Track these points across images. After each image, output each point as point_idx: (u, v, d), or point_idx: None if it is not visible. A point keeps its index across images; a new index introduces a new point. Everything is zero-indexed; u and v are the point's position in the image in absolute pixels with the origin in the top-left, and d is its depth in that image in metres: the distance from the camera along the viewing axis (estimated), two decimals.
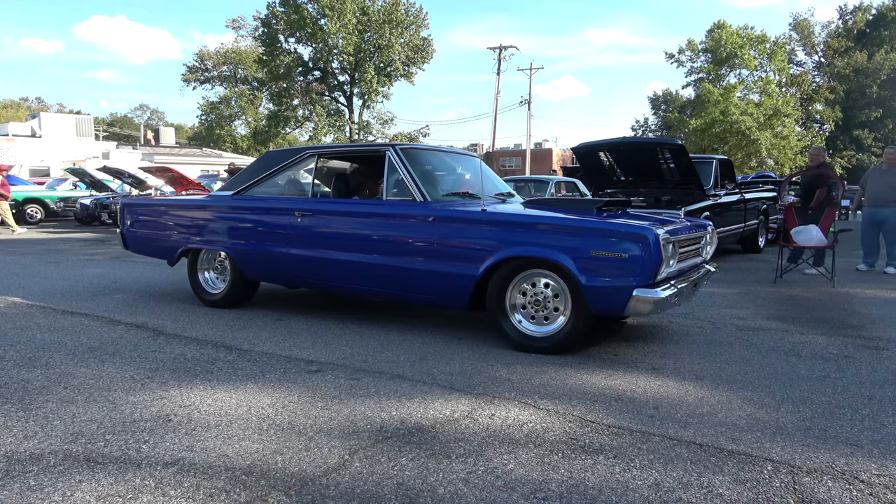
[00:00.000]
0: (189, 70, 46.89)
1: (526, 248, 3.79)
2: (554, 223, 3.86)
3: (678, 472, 2.27)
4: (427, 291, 4.21)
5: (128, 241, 5.90)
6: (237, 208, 5.15)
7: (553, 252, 3.70)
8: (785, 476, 2.25)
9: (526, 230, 3.87)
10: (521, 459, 2.36)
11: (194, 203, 5.75)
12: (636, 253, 3.52)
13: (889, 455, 2.45)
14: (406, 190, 4.34)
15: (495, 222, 3.97)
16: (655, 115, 53.52)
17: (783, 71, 40.38)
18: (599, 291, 3.60)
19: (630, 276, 3.54)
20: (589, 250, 3.62)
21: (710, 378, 3.44)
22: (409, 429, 2.64)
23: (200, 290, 5.36)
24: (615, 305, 3.62)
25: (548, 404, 2.96)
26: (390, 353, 3.86)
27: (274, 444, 2.46)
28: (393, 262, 4.25)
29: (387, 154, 4.50)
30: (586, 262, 3.62)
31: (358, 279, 4.48)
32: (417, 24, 37.03)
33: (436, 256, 4.09)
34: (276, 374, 3.41)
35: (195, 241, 5.33)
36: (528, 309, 3.91)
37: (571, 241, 3.69)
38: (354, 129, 37.96)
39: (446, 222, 4.10)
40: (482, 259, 3.91)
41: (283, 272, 4.91)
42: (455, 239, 4.06)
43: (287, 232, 4.74)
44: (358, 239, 4.48)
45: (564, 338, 3.79)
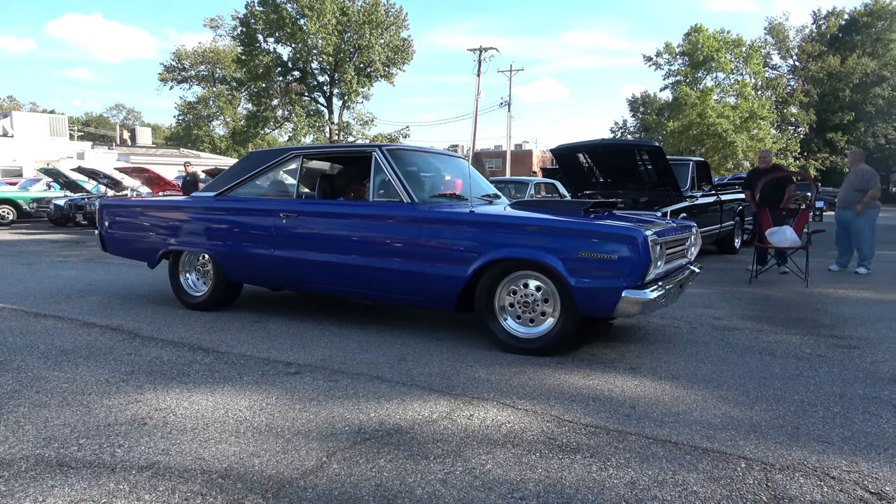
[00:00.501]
0: (166, 69, 46.33)
1: (515, 250, 3.79)
2: (542, 224, 3.86)
3: (654, 471, 2.29)
4: (414, 293, 4.18)
5: (106, 243, 5.80)
6: (220, 209, 5.08)
7: (542, 253, 3.70)
8: (758, 473, 2.29)
9: (514, 232, 3.87)
10: (499, 459, 2.37)
11: (176, 204, 5.66)
12: (625, 254, 3.54)
13: (859, 452, 2.51)
14: (393, 191, 4.32)
15: (483, 224, 3.96)
16: (634, 117, 54.09)
17: (759, 74, 41.03)
18: (588, 293, 3.62)
19: (619, 277, 3.55)
20: (577, 252, 3.63)
21: (686, 377, 3.48)
22: (388, 430, 2.64)
23: (182, 292, 5.27)
24: (604, 307, 3.64)
25: (526, 404, 2.98)
26: (369, 354, 3.85)
27: (251, 447, 2.44)
28: (380, 264, 4.23)
29: (373, 155, 4.46)
30: (575, 264, 3.63)
31: (344, 280, 4.45)
32: (398, 25, 36.95)
33: (423, 258, 4.06)
34: (254, 376, 3.38)
35: (176, 243, 5.24)
36: (517, 310, 3.91)
37: (560, 242, 3.69)
38: (334, 130, 37.77)
39: (434, 223, 4.08)
40: (471, 261, 3.90)
41: (266, 274, 4.85)
42: (443, 240, 4.04)
43: (271, 233, 4.69)
44: (344, 240, 4.44)
45: (553, 339, 3.80)
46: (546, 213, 4.27)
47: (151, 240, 5.42)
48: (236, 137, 43.93)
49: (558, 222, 3.84)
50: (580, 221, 3.82)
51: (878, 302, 5.98)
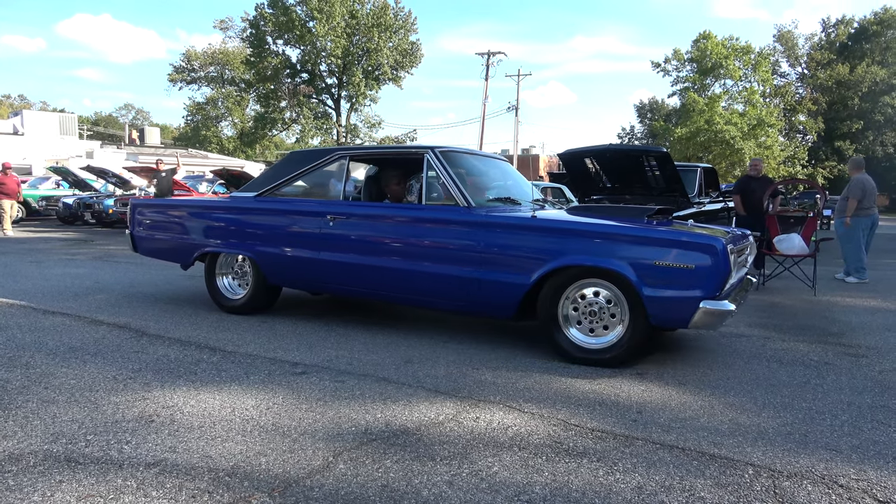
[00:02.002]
0: (175, 70, 46.55)
1: (584, 257, 3.66)
2: (615, 232, 3.71)
3: (661, 476, 2.29)
4: (470, 300, 4.03)
5: (137, 244, 5.65)
6: (261, 210, 4.91)
7: (613, 261, 3.57)
8: (766, 480, 2.28)
9: (583, 238, 3.73)
10: (506, 462, 2.36)
11: (213, 204, 5.46)
12: (704, 263, 3.42)
13: (867, 460, 2.49)
14: (447, 194, 4.20)
15: (549, 230, 3.83)
16: (641, 122, 54.03)
17: (767, 82, 40.89)
18: (662, 302, 3.50)
19: (697, 287, 3.43)
20: (652, 260, 3.51)
21: (693, 383, 3.47)
22: (394, 431, 2.64)
23: (219, 295, 5.13)
24: (679, 318, 3.52)
25: (532, 408, 2.97)
26: (375, 355, 3.85)
27: (258, 446, 2.45)
28: (433, 269, 4.09)
29: (425, 156, 4.33)
30: (649, 273, 3.51)
31: (393, 286, 4.32)
32: (406, 29, 37.06)
33: (482, 264, 3.92)
34: (261, 375, 3.39)
35: (214, 244, 5.09)
36: (580, 319, 3.78)
37: (633, 250, 3.57)
38: (342, 133, 37.88)
39: (494, 229, 3.94)
40: (534, 268, 3.76)
41: (310, 277, 4.70)
42: (504, 246, 3.90)
43: (317, 236, 4.55)
44: (396, 244, 4.30)
45: (624, 350, 3.66)
46: (610, 219, 4.09)
47: (186, 241, 5.27)
48: (244, 138, 44.09)
49: (631, 229, 3.72)
50: (654, 229, 3.70)
51: (886, 311, 5.94)
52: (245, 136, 43.79)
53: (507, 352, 4.01)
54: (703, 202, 9.03)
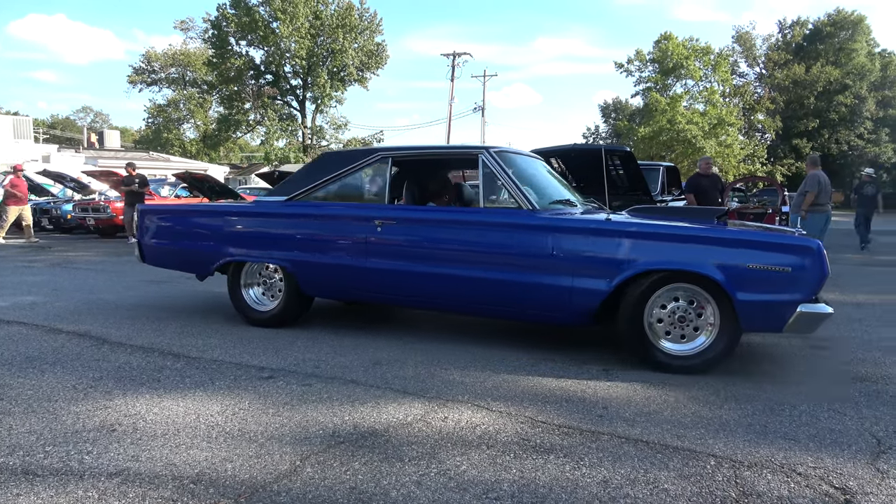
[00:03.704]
0: (135, 71, 45.58)
1: (671, 261, 3.55)
2: (704, 235, 3.61)
3: (626, 469, 2.32)
4: (541, 307, 3.87)
5: (146, 253, 5.23)
6: (295, 216, 4.61)
7: (702, 265, 3.48)
8: (727, 470, 2.34)
9: (668, 242, 3.60)
10: (474, 461, 2.38)
11: (239, 210, 5.06)
12: (803, 266, 3.37)
13: (824, 448, 2.57)
14: (506, 196, 4.09)
15: (630, 233, 3.68)
16: (606, 122, 54.76)
17: (727, 82, 41.83)
18: (756, 307, 3.43)
19: (794, 290, 3.37)
20: (745, 264, 3.42)
21: (657, 379, 3.53)
22: (362, 433, 2.63)
23: (246, 307, 4.77)
24: (774, 322, 3.45)
25: (500, 406, 2.99)
26: (343, 358, 3.83)
27: (223, 452, 2.42)
28: (500, 276, 3.89)
29: (480, 157, 4.16)
30: (741, 276, 3.42)
31: (453, 295, 4.12)
32: (371, 30, 36.92)
33: (555, 270, 3.75)
34: (226, 381, 3.34)
35: (240, 253, 4.73)
36: (665, 326, 3.66)
37: (723, 254, 3.49)
38: (307, 134, 37.54)
39: (568, 233, 3.78)
40: (614, 273, 3.62)
41: (354, 287, 4.44)
42: (579, 251, 3.73)
43: (364, 242, 4.29)
44: (455, 251, 4.10)
45: (715, 356, 3.57)
46: (677, 221, 4.04)
47: (206, 249, 4.87)
48: (207, 141, 43.39)
49: (722, 232, 3.70)
50: (748, 231, 3.67)
51: (845, 304, 6.13)
52: (208, 138, 43.09)
53: (475, 351, 4.02)
54: (666, 200, 9.20)
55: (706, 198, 8.34)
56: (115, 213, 13.59)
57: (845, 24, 47.85)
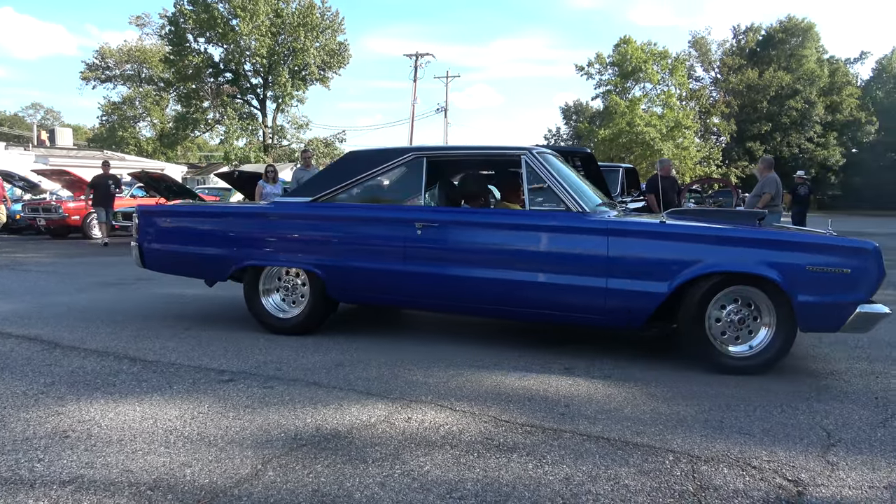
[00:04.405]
0: (88, 68, 44.23)
1: (731, 264, 3.60)
2: (762, 238, 3.69)
3: (587, 466, 2.36)
4: (595, 310, 3.82)
5: (148, 258, 4.87)
6: (325, 218, 4.41)
7: (761, 267, 3.54)
8: (685, 465, 2.39)
9: (728, 245, 3.65)
10: (438, 461, 2.38)
11: (257, 211, 4.79)
12: (861, 267, 3.47)
13: (778, 442, 2.65)
14: (552, 198, 4.05)
15: (689, 236, 3.72)
16: (567, 124, 55.34)
17: (683, 85, 42.82)
18: (815, 308, 3.51)
19: (853, 291, 3.47)
20: (804, 266, 3.50)
21: (618, 376, 3.59)
22: (325, 435, 2.61)
23: (265, 314, 4.51)
24: (832, 322, 3.54)
25: (464, 406, 3.00)
26: (305, 360, 3.79)
27: (182, 457, 2.36)
28: (551, 280, 3.85)
29: (523, 158, 4.11)
30: (801, 278, 3.49)
31: (497, 299, 4.02)
32: (333, 29, 36.58)
33: (611, 273, 3.73)
34: (185, 384, 3.27)
35: (261, 257, 4.47)
36: (723, 327, 3.71)
37: (782, 256, 3.57)
38: (268, 134, 37.02)
39: (624, 235, 3.78)
40: (672, 275, 3.63)
41: (391, 291, 4.28)
42: (636, 254, 3.75)
43: (402, 246, 4.15)
44: (502, 254, 4.01)
45: (771, 355, 3.66)
46: (718, 223, 4.07)
47: (220, 253, 4.58)
48: (164, 140, 42.36)
49: (781, 234, 3.79)
50: (806, 234, 3.74)
51: None
52: (165, 137, 42.08)
53: (439, 352, 4.03)
54: (626, 201, 9.36)
55: (665, 198, 8.52)
56: (68, 213, 13.17)
57: (796, 30, 49.49)
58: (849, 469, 2.40)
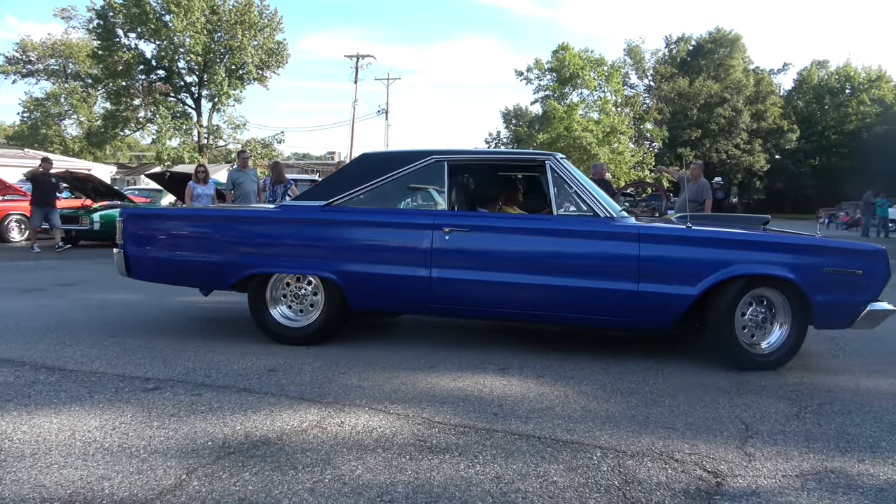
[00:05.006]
0: (8, 61, 41.88)
1: (757, 267, 3.80)
2: (783, 242, 3.94)
3: (518, 465, 2.39)
4: (626, 313, 3.92)
5: (135, 265, 4.46)
6: (343, 223, 4.26)
7: (784, 270, 3.76)
8: (612, 460, 2.46)
9: (751, 249, 3.89)
10: (370, 464, 2.36)
11: (264, 216, 4.54)
12: (872, 269, 3.79)
13: (699, 436, 2.76)
14: (578, 204, 4.16)
15: (716, 241, 3.94)
16: (507, 128, 56.08)
17: (618, 92, 44.05)
18: (831, 307, 3.78)
19: (864, 291, 3.79)
20: (822, 268, 3.77)
21: (551, 375, 3.66)
22: (254, 442, 2.55)
23: (273, 324, 4.29)
24: (843, 320, 3.84)
25: (398, 409, 3.00)
26: (236, 366, 3.70)
27: (101, 470, 2.27)
28: (583, 284, 3.90)
29: (547, 163, 4.15)
30: (819, 280, 3.75)
31: (529, 303, 4.08)
32: (272, 28, 35.85)
33: (641, 276, 3.83)
34: (107, 394, 3.14)
35: (269, 264, 4.25)
36: (747, 327, 3.90)
37: (802, 259, 3.80)
38: (203, 134, 35.96)
39: (653, 240, 3.90)
40: (700, 278, 3.78)
41: (415, 297, 4.17)
42: (666, 258, 3.87)
43: (429, 251, 4.05)
44: (533, 259, 4.02)
45: (789, 352, 3.89)
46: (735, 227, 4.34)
47: (223, 261, 4.30)
48: (92, 138, 40.53)
49: (801, 239, 4.02)
50: (823, 239, 4.00)
51: None
52: (93, 135, 40.27)
53: (374, 355, 4.00)
54: None
55: None
56: None
57: (724, 41, 51.79)
58: (764, 459, 2.52)
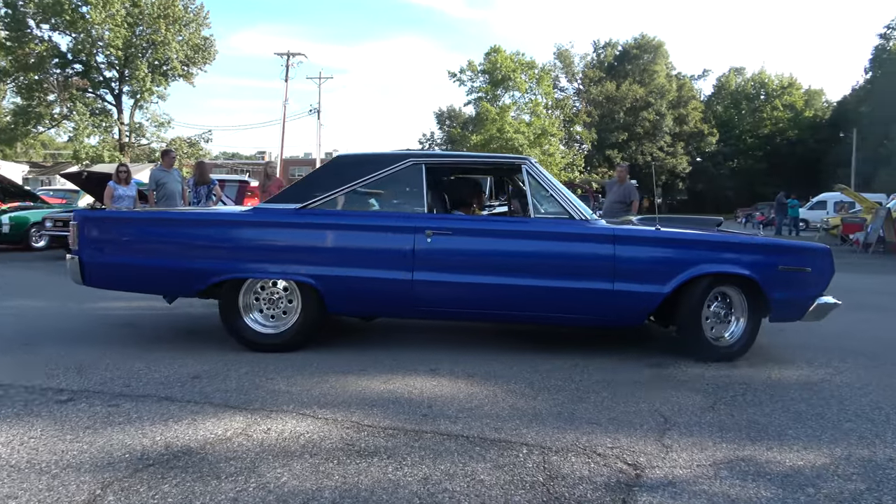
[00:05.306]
0: None
1: (720, 266, 4.04)
2: (745, 242, 4.25)
3: (446, 465, 2.41)
4: (603, 311, 4.09)
5: (92, 272, 4.17)
6: (321, 226, 4.17)
7: (744, 268, 4.02)
8: (537, 457, 2.51)
9: (717, 250, 4.15)
10: (296, 471, 2.33)
11: (236, 219, 4.38)
12: (819, 266, 4.18)
13: (621, 429, 2.86)
14: (554, 207, 4.27)
15: (687, 242, 4.19)
16: (441, 129, 56.32)
17: (549, 95, 45.01)
18: (785, 302, 4.11)
19: (813, 286, 4.17)
20: (777, 266, 4.08)
21: (481, 375, 3.70)
22: (175, 453, 2.47)
23: (247, 331, 4.14)
24: (795, 313, 4.18)
25: (326, 413, 2.97)
26: (158, 374, 3.57)
27: (5, 489, 2.14)
28: (563, 284, 4.01)
29: (524, 167, 4.26)
30: (774, 277, 4.05)
31: (510, 304, 4.14)
32: (198, 23, 34.70)
33: (616, 276, 3.99)
34: (15, 407, 2.96)
35: (242, 269, 4.09)
36: (711, 322, 4.15)
37: (759, 258, 4.10)
38: (124, 132, 34.43)
39: (628, 242, 4.08)
40: (671, 277, 3.98)
41: (396, 301, 4.18)
42: (639, 258, 4.06)
43: (411, 254, 4.04)
44: (519, 261, 4.10)
45: (746, 343, 4.16)
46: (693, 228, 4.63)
47: (192, 266, 4.12)
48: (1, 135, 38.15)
49: (759, 240, 4.37)
50: (775, 239, 4.31)
51: None
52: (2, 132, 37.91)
53: (303, 359, 3.94)
54: (494, 205, 9.68)
55: None
56: None
57: (648, 47, 53.73)
58: (681, 450, 2.64)
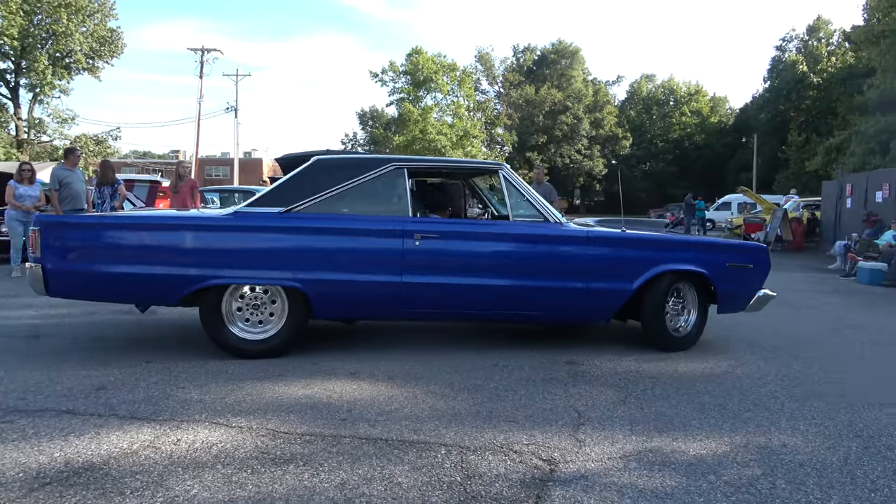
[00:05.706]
0: None
1: (679, 264, 4.44)
2: (700, 242, 4.93)
3: (364, 469, 2.40)
4: (575, 309, 4.42)
5: (56, 281, 3.88)
6: (307, 230, 4.08)
7: (699, 266, 4.45)
8: (455, 457, 2.54)
9: (675, 249, 4.57)
10: (207, 483, 2.25)
11: (216, 223, 4.12)
12: (759, 262, 4.68)
13: (537, 426, 2.93)
14: (529, 210, 4.44)
15: (646, 242, 4.56)
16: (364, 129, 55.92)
17: (470, 97, 45.63)
18: (732, 295, 4.61)
19: (755, 281, 4.67)
20: (725, 263, 4.55)
21: (402, 377, 3.70)
22: (75, 469, 2.33)
23: (233, 338, 4.00)
24: (739, 305, 4.69)
25: (241, 421, 2.88)
26: (60, 386, 3.36)
27: None
28: (542, 284, 4.25)
29: (501, 173, 4.48)
30: (723, 273, 4.52)
31: (495, 304, 4.33)
32: (104, 13, 32.89)
33: (589, 275, 4.28)
34: None
35: (226, 275, 3.94)
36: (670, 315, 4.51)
37: (710, 256, 4.55)
38: (22, 127, 32.21)
39: (599, 243, 4.35)
40: (636, 275, 4.32)
41: (384, 303, 4.22)
42: (609, 258, 4.36)
43: (400, 257, 4.08)
44: (496, 262, 4.32)
45: (698, 332, 4.63)
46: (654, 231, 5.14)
47: (172, 273, 3.91)
48: None
49: (711, 240, 5.09)
50: (722, 239, 4.71)
51: None
52: None
53: (218, 366, 3.82)
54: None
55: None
56: None
57: (566, 53, 55.33)
58: (593, 444, 2.73)
